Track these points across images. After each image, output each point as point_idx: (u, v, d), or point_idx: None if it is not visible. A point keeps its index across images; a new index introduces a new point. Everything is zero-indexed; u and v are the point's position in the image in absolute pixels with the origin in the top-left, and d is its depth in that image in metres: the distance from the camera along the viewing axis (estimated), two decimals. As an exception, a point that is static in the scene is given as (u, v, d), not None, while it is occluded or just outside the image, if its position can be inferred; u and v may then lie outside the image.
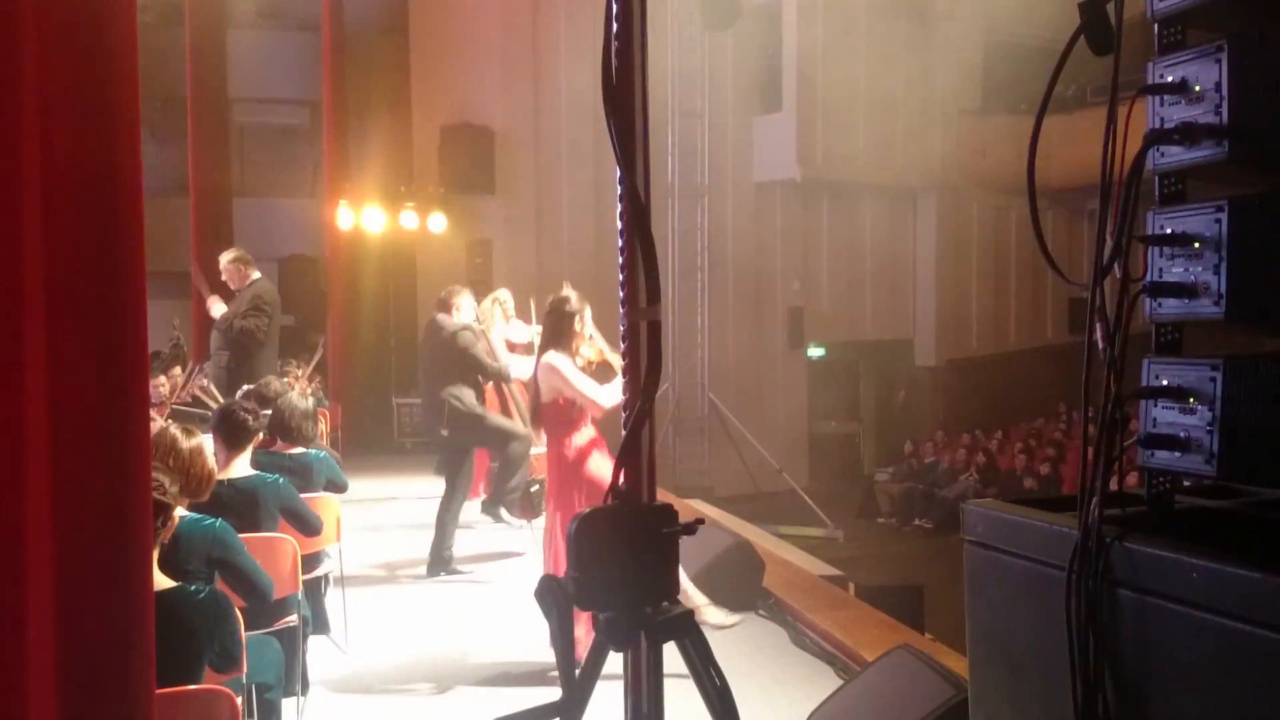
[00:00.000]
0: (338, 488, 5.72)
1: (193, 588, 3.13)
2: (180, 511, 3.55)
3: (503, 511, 7.53)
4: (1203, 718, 1.73)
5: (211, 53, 13.72)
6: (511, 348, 8.12)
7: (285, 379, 8.68)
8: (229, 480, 4.52)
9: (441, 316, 7.38)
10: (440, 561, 7.25)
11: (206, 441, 4.09)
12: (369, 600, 6.56)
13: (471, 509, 7.93)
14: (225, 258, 8.07)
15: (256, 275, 8.02)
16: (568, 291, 5.41)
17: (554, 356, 5.16)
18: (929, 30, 17.46)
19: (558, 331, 5.23)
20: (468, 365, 7.24)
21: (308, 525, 4.82)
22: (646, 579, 1.83)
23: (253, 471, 4.70)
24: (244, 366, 7.58)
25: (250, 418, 4.65)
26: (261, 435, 5.03)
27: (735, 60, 16.87)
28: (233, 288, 8.02)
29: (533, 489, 7.95)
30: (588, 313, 5.33)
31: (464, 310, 7.40)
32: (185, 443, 3.78)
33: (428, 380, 7.54)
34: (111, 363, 1.97)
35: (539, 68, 15.31)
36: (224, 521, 3.80)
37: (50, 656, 1.85)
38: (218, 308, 8.00)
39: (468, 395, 7.25)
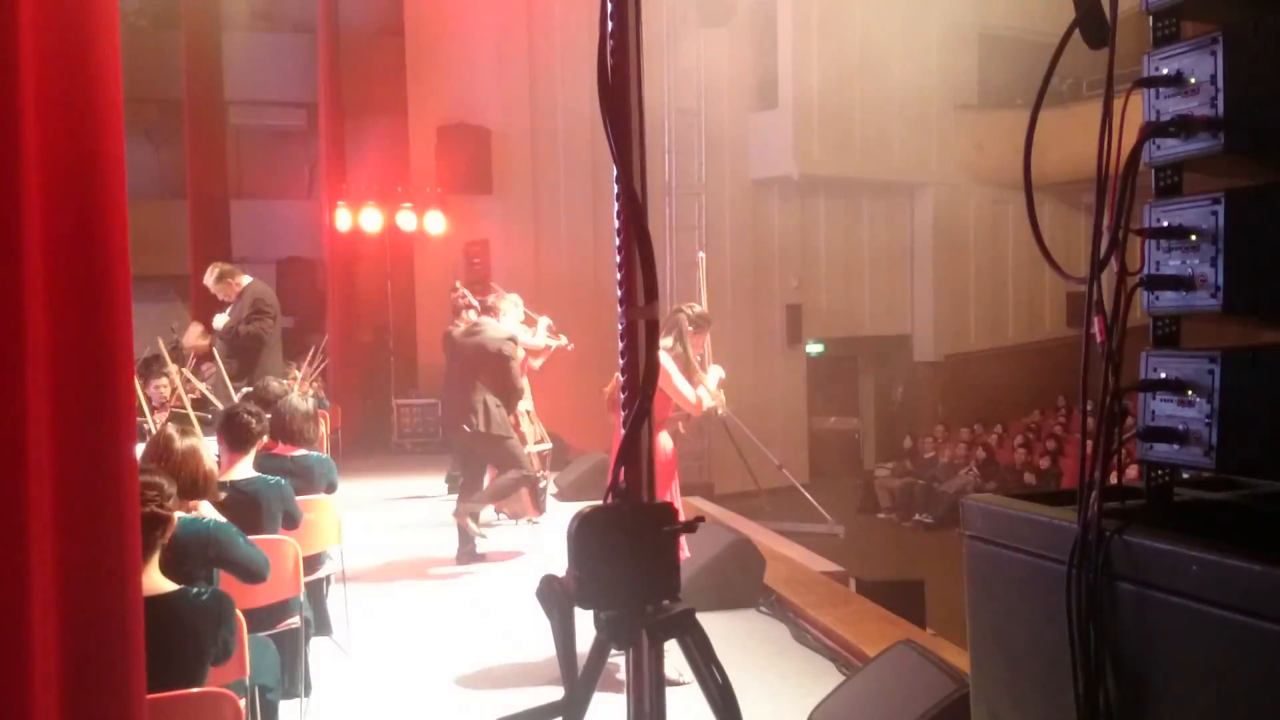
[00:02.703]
0: (333, 489, 5.72)
1: (195, 590, 3.12)
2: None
3: (472, 522, 7.47)
4: (1204, 710, 1.73)
5: (207, 56, 13.71)
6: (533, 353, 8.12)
7: (286, 380, 8.67)
8: (231, 482, 4.52)
9: (486, 320, 7.36)
10: (466, 553, 7.32)
11: (211, 444, 4.08)
12: (370, 601, 6.56)
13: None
14: (209, 278, 7.97)
15: (247, 280, 7.95)
16: (699, 308, 5.51)
17: (662, 357, 5.18)
18: (924, 25, 17.44)
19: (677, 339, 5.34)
20: (503, 377, 7.21)
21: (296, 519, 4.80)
22: (647, 577, 1.83)
23: (254, 474, 4.70)
24: (250, 371, 7.53)
25: (254, 420, 4.65)
26: (265, 438, 5.03)
27: (731, 57, 16.85)
28: (228, 300, 7.95)
29: (541, 485, 7.94)
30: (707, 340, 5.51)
31: (509, 315, 7.39)
32: (179, 443, 3.75)
33: (459, 380, 7.46)
34: (98, 365, 1.97)
35: (535, 67, 15.31)
36: (220, 521, 3.79)
37: (55, 662, 1.85)
38: (218, 319, 7.93)
39: (499, 408, 7.26)
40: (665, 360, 5.19)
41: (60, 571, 1.88)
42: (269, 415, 5.41)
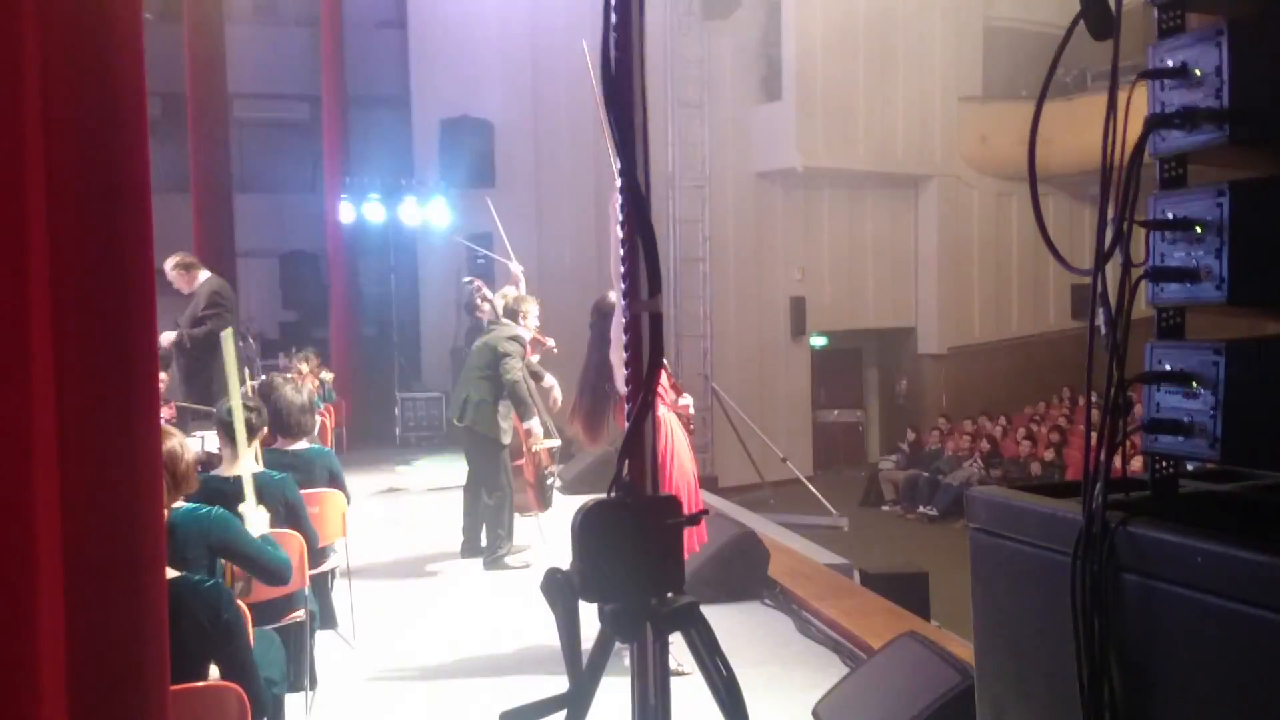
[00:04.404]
0: (342, 486, 5.70)
1: (196, 577, 3.11)
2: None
3: (506, 559, 7.40)
4: (1208, 701, 1.73)
5: (210, 49, 13.69)
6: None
7: (290, 374, 8.66)
8: (235, 477, 4.53)
9: (505, 321, 7.40)
10: (494, 560, 7.33)
11: (197, 440, 4.07)
12: (375, 594, 6.58)
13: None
14: (169, 264, 7.76)
15: (206, 274, 7.76)
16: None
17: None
18: (928, 17, 17.42)
19: None
20: (498, 375, 7.18)
21: (305, 540, 4.77)
22: (651, 570, 1.83)
23: (258, 468, 4.70)
24: (204, 371, 7.09)
25: (253, 415, 4.64)
26: (265, 430, 5.03)
27: (734, 50, 16.83)
28: (184, 293, 7.78)
29: (547, 481, 7.93)
30: None
31: (531, 317, 7.41)
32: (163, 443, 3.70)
33: (462, 377, 7.59)
34: (120, 358, 1.97)
35: (538, 59, 15.29)
36: (221, 509, 3.78)
37: (60, 650, 1.85)
38: (165, 335, 7.55)
39: (495, 412, 7.26)
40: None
41: (74, 561, 1.88)
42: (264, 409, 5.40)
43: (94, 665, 1.93)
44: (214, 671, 3.14)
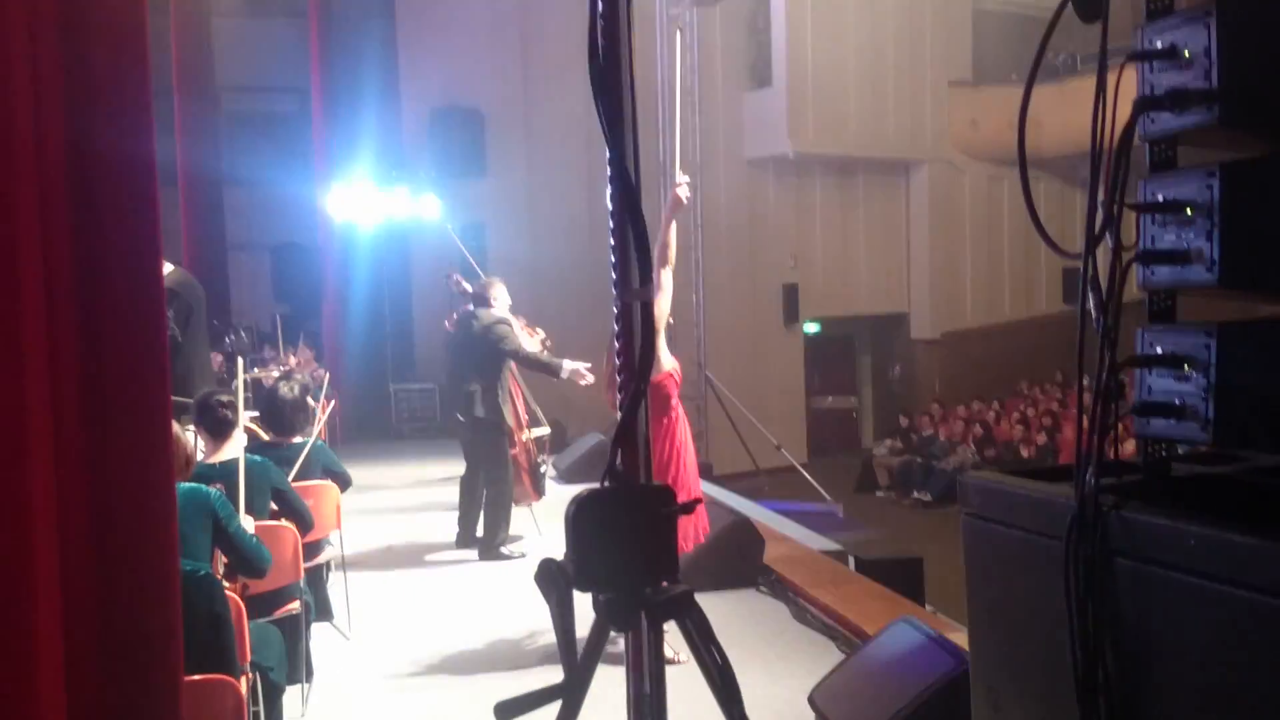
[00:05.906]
0: (340, 480, 5.68)
1: (190, 568, 3.12)
2: None
3: (501, 549, 7.40)
4: (1203, 684, 1.73)
5: (198, 41, 13.63)
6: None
7: (283, 366, 8.64)
8: (220, 463, 4.53)
9: (480, 310, 7.37)
10: (490, 550, 7.32)
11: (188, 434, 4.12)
12: (370, 586, 6.58)
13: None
14: None
15: (168, 269, 7.56)
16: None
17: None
18: (918, 2, 17.38)
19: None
20: (497, 360, 7.20)
21: (301, 520, 4.77)
22: (645, 559, 1.83)
23: (240, 454, 4.71)
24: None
25: (230, 411, 4.65)
26: (248, 421, 5.05)
27: (724, 36, 16.77)
28: None
29: (540, 469, 7.94)
30: None
31: (500, 302, 7.40)
32: None
33: (454, 370, 7.60)
34: (130, 348, 1.96)
35: (527, 48, 15.23)
36: (220, 491, 3.88)
37: (58, 639, 1.85)
38: None
39: (497, 399, 7.26)
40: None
41: (80, 553, 1.87)
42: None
43: (99, 657, 1.93)
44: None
